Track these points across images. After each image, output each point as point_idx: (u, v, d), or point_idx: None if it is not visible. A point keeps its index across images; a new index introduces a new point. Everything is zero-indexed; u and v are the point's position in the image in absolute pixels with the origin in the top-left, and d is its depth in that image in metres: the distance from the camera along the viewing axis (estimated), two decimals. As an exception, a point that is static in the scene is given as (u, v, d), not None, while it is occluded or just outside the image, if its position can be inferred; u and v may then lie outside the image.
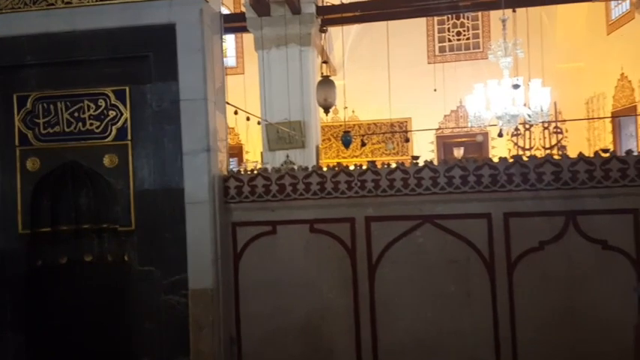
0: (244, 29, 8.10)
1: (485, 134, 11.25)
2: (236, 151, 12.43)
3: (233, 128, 11.91)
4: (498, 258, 3.17)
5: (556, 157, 3.17)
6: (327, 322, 3.32)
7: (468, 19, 12.36)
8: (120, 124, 3.29)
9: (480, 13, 12.00)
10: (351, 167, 3.35)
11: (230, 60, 12.74)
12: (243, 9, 8.20)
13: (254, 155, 11.93)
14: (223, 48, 3.69)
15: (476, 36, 12.41)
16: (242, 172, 3.42)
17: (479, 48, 12.23)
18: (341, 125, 11.00)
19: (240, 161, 12.56)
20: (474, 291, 3.22)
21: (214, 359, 3.20)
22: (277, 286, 3.35)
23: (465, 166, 3.18)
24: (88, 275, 3.55)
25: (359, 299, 3.29)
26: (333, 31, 10.28)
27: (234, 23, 8.47)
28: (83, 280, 3.55)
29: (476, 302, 3.21)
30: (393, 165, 3.28)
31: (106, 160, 3.31)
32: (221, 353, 3.25)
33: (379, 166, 3.29)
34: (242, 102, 6.78)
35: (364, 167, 3.32)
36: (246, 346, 3.37)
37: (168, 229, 3.25)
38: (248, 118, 6.36)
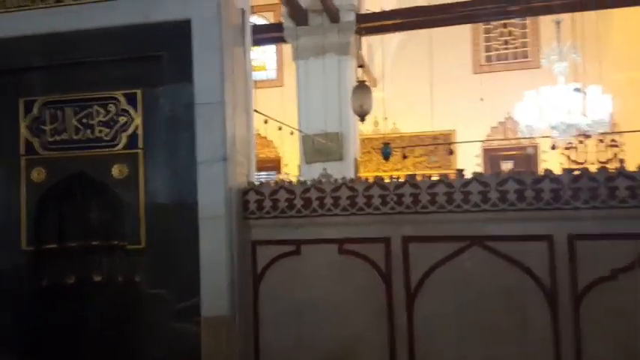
0: (282, 40, 7.86)
1: (535, 147, 10.56)
2: (274, 165, 12.19)
3: (272, 141, 11.71)
4: (561, 288, 2.67)
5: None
6: (357, 355, 2.89)
7: (516, 27, 11.74)
8: (130, 130, 3.00)
9: (528, 21, 11.36)
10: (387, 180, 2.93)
11: (270, 72, 12.59)
12: (281, 19, 7.98)
13: (292, 169, 11.64)
14: (252, 54, 3.37)
15: (524, 45, 11.75)
16: (263, 184, 3.05)
17: (527, 57, 11.56)
18: (381, 138, 10.57)
19: (279, 174, 12.30)
20: (531, 326, 2.72)
21: (230, 395, 2.82)
22: (301, 313, 2.94)
23: (521, 178, 2.71)
24: (97, 297, 3.25)
25: (395, 332, 2.85)
26: (374, 41, 9.93)
27: (273, 33, 8.25)
28: (91, 302, 3.25)
29: (533, 339, 2.71)
30: (435, 178, 2.84)
31: (115, 171, 3.01)
32: (236, 390, 2.87)
33: (419, 179, 2.85)
34: (280, 114, 6.51)
35: (401, 180, 2.89)
36: (266, 382, 2.97)
37: (181, 247, 2.91)
38: (280, 128, 6.05)
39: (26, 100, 3.09)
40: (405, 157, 9.26)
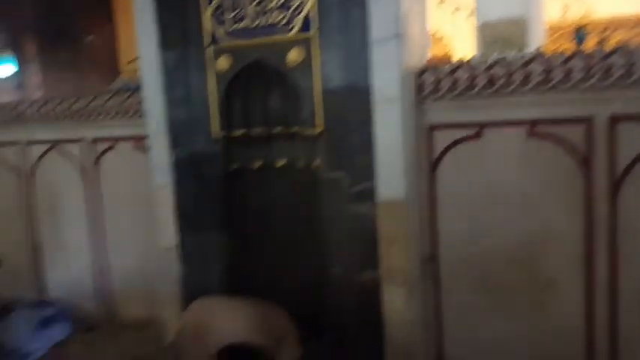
0: None
1: None
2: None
3: (441, 38, 10.97)
4: None
5: None
6: (546, 248, 2.66)
7: None
8: (304, 12, 2.93)
9: None
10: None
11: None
12: None
13: (465, 65, 10.85)
14: None
15: None
16: (441, 63, 2.81)
17: None
18: (571, 24, 9.23)
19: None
20: None
21: (407, 277, 2.83)
22: (484, 202, 2.77)
23: None
24: (280, 181, 3.43)
25: (594, 224, 2.54)
26: None
27: None
28: (275, 186, 3.45)
29: None
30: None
31: (290, 57, 3.01)
32: (415, 272, 2.86)
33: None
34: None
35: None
36: (444, 267, 2.92)
37: (356, 132, 2.87)
38: (456, 10, 5.53)
39: (208, -10, 3.18)
40: (601, 42, 7.97)
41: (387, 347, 2.91)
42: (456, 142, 2.79)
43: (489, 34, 6.76)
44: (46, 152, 4.23)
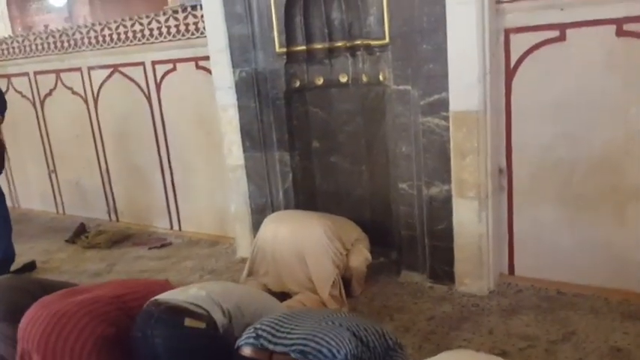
0: None
1: None
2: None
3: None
4: None
5: None
6: (632, 156, 2.52)
7: None
8: None
9: None
10: None
11: None
12: None
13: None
14: None
15: None
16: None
17: None
18: None
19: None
20: None
21: (479, 190, 2.78)
22: (563, 109, 2.63)
23: None
24: (344, 97, 3.37)
25: (686, 129, 2.37)
26: None
27: None
28: (339, 102, 3.40)
29: None
30: None
31: (356, -39, 2.85)
32: (487, 185, 2.80)
33: None
34: None
35: None
36: (517, 180, 2.84)
37: (427, 39, 2.73)
38: None
39: None
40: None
41: (456, 260, 2.92)
42: (536, 46, 2.62)
43: None
44: (108, 77, 4.29)
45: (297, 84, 3.36)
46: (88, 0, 12.07)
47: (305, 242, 2.81)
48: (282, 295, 2.79)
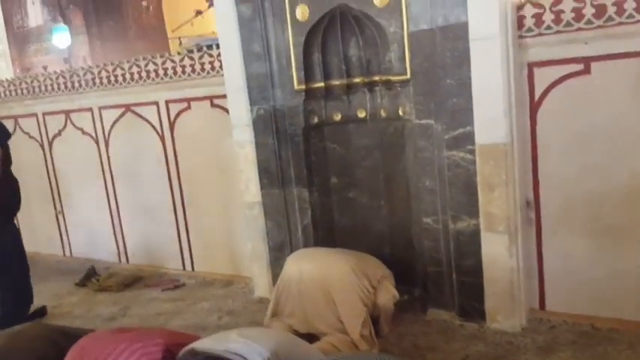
0: None
1: None
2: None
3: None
4: None
5: None
6: (661, 188, 2.51)
7: None
8: (389, -49, 2.79)
9: None
10: None
11: None
12: None
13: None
14: None
15: None
16: (542, -4, 2.63)
17: None
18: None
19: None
20: None
21: (508, 224, 2.74)
22: (590, 140, 2.62)
23: None
24: (362, 132, 3.36)
25: None
26: None
27: None
28: (357, 138, 3.38)
29: None
30: None
31: (376, -1, 2.88)
32: (517, 218, 2.77)
33: None
34: None
35: None
36: (546, 212, 2.81)
37: (450, 74, 2.74)
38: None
39: (282, -63, 3.06)
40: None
41: (486, 296, 2.86)
42: (560, 80, 2.63)
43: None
44: (119, 117, 4.27)
45: (315, 120, 3.35)
46: (87, 40, 12.19)
47: (332, 280, 2.74)
48: (309, 337, 2.70)
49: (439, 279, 3.03)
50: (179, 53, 3.82)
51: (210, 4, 9.56)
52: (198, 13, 9.39)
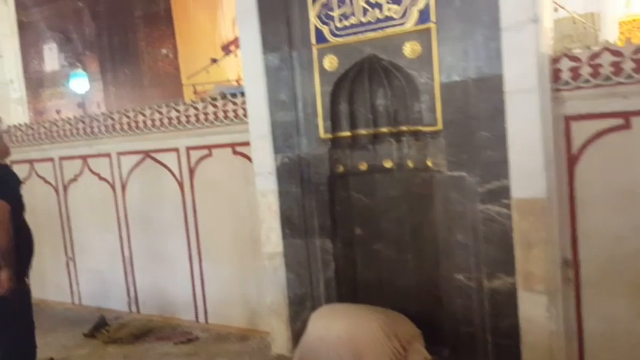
0: None
1: None
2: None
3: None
4: None
5: None
6: None
7: None
8: (422, 4, 2.78)
9: None
10: None
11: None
12: None
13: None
14: None
15: None
16: (579, 50, 2.59)
17: None
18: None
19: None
20: None
21: (547, 284, 2.61)
22: (631, 197, 2.52)
23: None
24: (388, 183, 3.27)
25: None
26: None
27: None
28: (383, 188, 3.29)
29: None
30: None
31: (407, 50, 2.85)
32: (555, 277, 2.63)
33: None
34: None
35: None
36: (585, 272, 2.67)
37: (484, 126, 2.68)
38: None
39: (313, -12, 3.08)
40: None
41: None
42: (599, 134, 2.56)
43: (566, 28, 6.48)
44: (138, 163, 4.21)
45: (341, 169, 3.28)
46: (102, 87, 12.38)
47: (362, 340, 2.60)
48: (336, 401, 2.54)
49: (471, 340, 2.86)
50: (202, 100, 3.78)
51: (227, 53, 9.74)
52: (214, 61, 9.50)
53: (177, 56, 10.86)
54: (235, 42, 9.42)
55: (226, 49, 9.78)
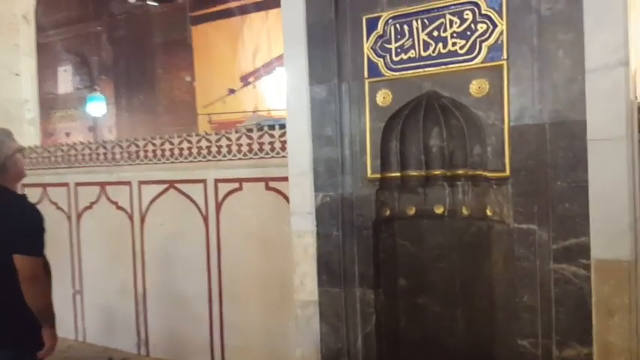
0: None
1: None
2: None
3: None
4: None
5: None
6: None
7: None
8: (492, 40, 2.56)
9: None
10: None
11: None
12: None
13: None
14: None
15: None
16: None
17: None
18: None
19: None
20: None
21: (628, 356, 2.29)
22: None
23: None
24: (438, 230, 2.99)
25: None
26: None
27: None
28: (432, 236, 3.01)
29: None
30: None
31: (473, 88, 2.62)
32: (638, 349, 2.31)
33: None
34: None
35: None
36: (672, 346, 2.36)
37: (561, 175, 2.41)
38: None
39: (369, 18, 2.87)
40: None
41: None
42: (694, 190, 2.30)
43: None
44: (161, 194, 3.94)
45: (387, 213, 3.00)
46: (115, 112, 12.24)
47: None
48: None
49: (536, 417, 2.52)
50: (237, 131, 3.54)
51: (245, 84, 9.62)
52: (232, 91, 9.38)
53: (193, 84, 10.75)
54: (255, 73, 9.32)
55: (245, 80, 9.67)
